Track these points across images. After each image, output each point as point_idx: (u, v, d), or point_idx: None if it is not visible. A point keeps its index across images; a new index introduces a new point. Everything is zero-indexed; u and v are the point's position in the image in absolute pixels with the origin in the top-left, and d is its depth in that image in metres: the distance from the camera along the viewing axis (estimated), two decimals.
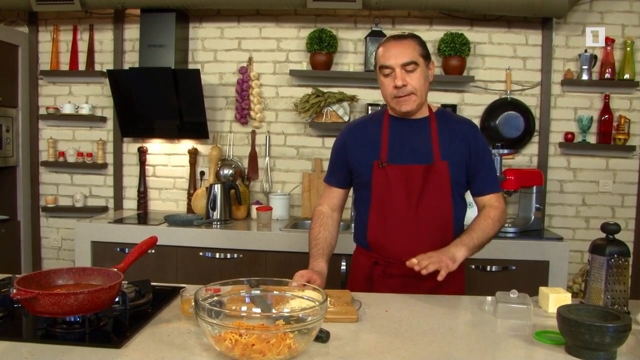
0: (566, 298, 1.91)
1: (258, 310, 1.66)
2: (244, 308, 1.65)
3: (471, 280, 3.25)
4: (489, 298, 2.02)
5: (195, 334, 1.62)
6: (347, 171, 2.41)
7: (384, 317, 1.84)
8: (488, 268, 3.47)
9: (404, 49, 2.19)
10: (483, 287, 3.19)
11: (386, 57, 2.21)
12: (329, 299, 1.89)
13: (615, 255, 1.93)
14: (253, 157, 4.19)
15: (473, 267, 3.45)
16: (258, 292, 1.68)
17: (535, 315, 1.85)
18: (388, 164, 2.26)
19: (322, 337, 1.57)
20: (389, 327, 1.75)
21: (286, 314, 1.52)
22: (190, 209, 4.15)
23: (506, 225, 3.72)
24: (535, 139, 4.11)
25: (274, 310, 1.64)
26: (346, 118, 3.96)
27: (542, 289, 1.96)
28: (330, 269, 3.43)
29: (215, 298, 1.65)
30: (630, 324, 1.53)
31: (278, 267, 3.50)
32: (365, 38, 4.00)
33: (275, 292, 1.69)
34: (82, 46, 4.31)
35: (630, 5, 4.08)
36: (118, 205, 4.35)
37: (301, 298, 1.67)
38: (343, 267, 3.47)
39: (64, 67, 4.33)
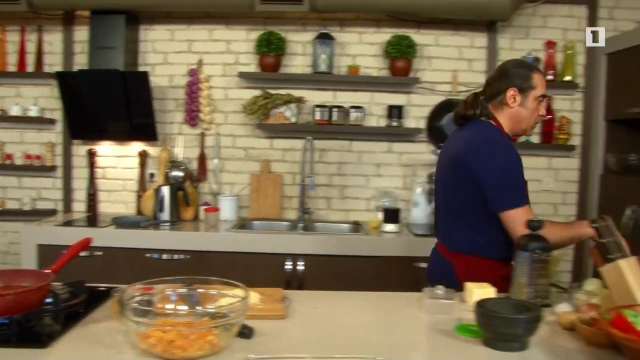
0: (490, 292, 1.97)
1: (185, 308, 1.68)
2: (170, 306, 1.67)
3: (415, 277, 3.34)
4: (418, 294, 2.08)
5: (125, 333, 1.63)
6: None
7: (312, 314, 1.88)
8: (421, 265, 3.52)
9: None
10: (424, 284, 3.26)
11: (544, 87, 2.39)
12: (259, 296, 1.93)
13: (538, 251, 2.01)
14: (202, 158, 4.20)
15: (414, 264, 3.51)
16: (185, 290, 1.70)
17: (460, 310, 1.91)
18: None
19: (246, 333, 1.60)
20: (315, 323, 1.79)
21: (206, 311, 1.55)
22: (139, 211, 4.14)
23: None
24: None
25: (198, 308, 1.66)
26: (293, 119, 4.00)
27: (467, 284, 2.02)
28: (275, 268, 3.51)
29: (145, 297, 1.67)
30: (540, 315, 1.60)
31: (224, 267, 3.52)
32: (314, 40, 4.04)
33: (200, 290, 1.71)
34: (31, 47, 4.26)
35: (570, 10, 4.21)
36: (67, 208, 4.31)
37: (229, 297, 1.70)
38: (289, 267, 3.51)
39: (12, 68, 4.27)
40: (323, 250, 3.55)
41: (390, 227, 3.70)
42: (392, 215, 3.72)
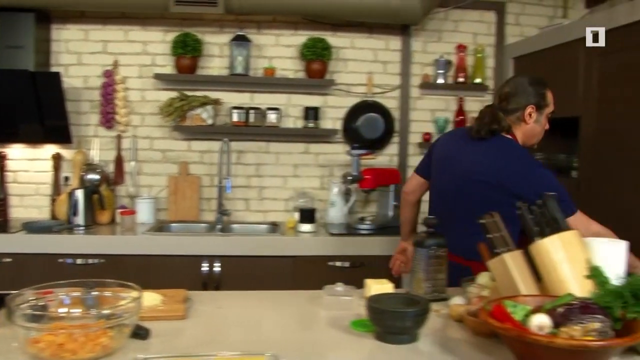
0: (388, 288, 2.04)
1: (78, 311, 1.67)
2: (63, 310, 1.66)
3: (330, 276, 3.39)
4: (321, 292, 2.13)
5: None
6: None
7: (214, 313, 1.91)
8: (346, 264, 3.60)
9: None
10: (342, 282, 3.33)
11: (553, 103, 2.55)
12: (161, 298, 1.94)
13: (434, 247, 2.10)
14: (119, 161, 4.14)
15: (329, 263, 3.58)
16: (79, 293, 1.69)
17: (359, 306, 1.97)
18: None
19: (142, 334, 1.61)
20: (215, 322, 1.81)
21: (100, 313, 1.55)
22: (54, 215, 4.04)
23: (365, 222, 3.89)
24: (396, 139, 4.31)
25: (93, 311, 1.66)
26: (210, 121, 4.00)
27: (367, 280, 2.08)
28: (192, 270, 3.50)
29: (40, 302, 1.65)
30: (428, 309, 1.68)
31: (141, 270, 3.47)
32: (230, 42, 4.05)
33: (94, 293, 1.70)
34: None
35: (481, 15, 4.38)
36: None
37: (125, 299, 1.70)
38: (205, 268, 3.51)
39: None
40: (240, 251, 3.57)
41: (306, 227, 3.75)
42: (308, 215, 3.77)
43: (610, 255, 1.85)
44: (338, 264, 3.61)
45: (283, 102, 4.20)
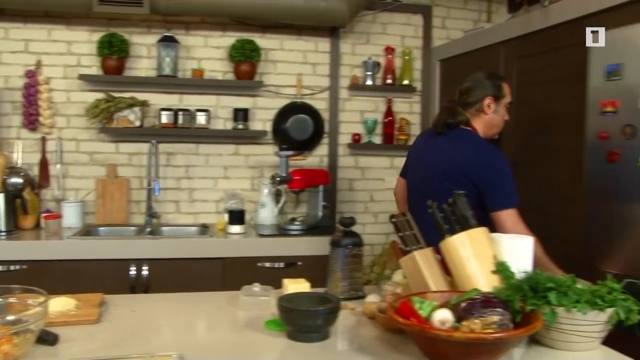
0: (305, 287, 2.06)
1: None
2: None
3: (259, 276, 3.40)
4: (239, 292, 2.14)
5: None
6: None
7: (128, 317, 1.89)
8: (276, 265, 3.62)
9: None
10: (271, 283, 3.34)
11: (510, 95, 2.74)
12: (75, 302, 1.92)
13: (350, 246, 2.14)
14: (44, 164, 4.03)
15: (259, 264, 3.59)
16: None
17: (275, 306, 1.99)
18: None
19: (49, 340, 1.59)
20: (128, 326, 1.80)
21: (4, 320, 1.52)
22: None
23: (295, 223, 3.91)
24: (326, 140, 4.36)
25: None
26: (137, 123, 3.94)
27: (285, 280, 2.10)
28: (120, 274, 3.45)
29: None
30: (338, 306, 1.71)
31: (67, 276, 3.40)
32: (158, 43, 4.01)
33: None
34: None
35: (408, 18, 4.48)
36: None
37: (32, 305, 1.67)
38: (133, 272, 3.46)
39: None
40: (169, 254, 3.53)
41: (235, 228, 3.75)
42: (237, 216, 3.77)
43: (517, 250, 1.92)
44: (267, 264, 3.62)
45: (212, 103, 4.18)
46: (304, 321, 1.65)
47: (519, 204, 2.46)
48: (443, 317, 1.54)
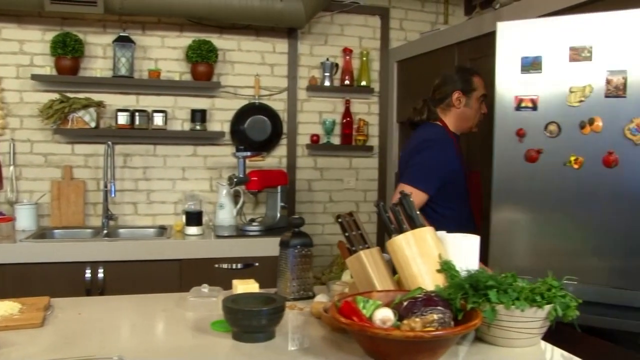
0: (254, 288, 2.07)
1: None
2: None
3: (216, 278, 3.39)
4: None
5: None
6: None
7: (74, 320, 1.88)
8: (234, 266, 3.62)
9: None
10: (228, 284, 3.33)
11: (484, 88, 2.76)
12: (19, 306, 1.89)
13: (299, 246, 2.15)
14: None
15: (216, 266, 3.58)
16: None
17: None
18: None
19: None
20: (72, 329, 1.78)
21: None
22: None
23: (254, 224, 3.91)
24: (284, 141, 4.36)
25: None
26: (93, 124, 3.89)
27: (234, 281, 2.10)
28: (75, 277, 3.41)
29: None
30: (282, 306, 1.72)
31: (20, 279, 3.35)
32: (113, 43, 3.96)
33: None
34: None
35: (366, 19, 4.51)
36: None
37: None
38: (88, 275, 3.42)
39: None
40: (125, 256, 3.50)
41: (192, 229, 3.73)
42: (194, 218, 3.75)
43: (463, 249, 1.96)
44: (225, 266, 3.61)
45: (169, 104, 4.15)
46: (248, 322, 1.66)
47: (430, 191, 2.63)
48: (384, 316, 1.55)
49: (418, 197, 2.53)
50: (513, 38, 2.48)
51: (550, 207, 2.38)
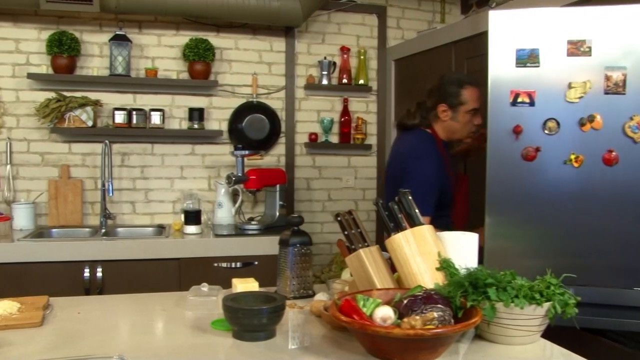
0: (254, 287, 2.06)
1: None
2: None
3: (215, 277, 3.39)
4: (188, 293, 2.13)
5: None
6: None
7: (73, 319, 1.87)
8: (233, 265, 3.61)
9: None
10: (228, 283, 3.33)
11: (475, 100, 2.66)
12: (18, 306, 1.89)
13: (299, 245, 2.15)
14: None
15: (215, 265, 3.58)
16: None
17: None
18: None
19: None
20: (71, 328, 1.78)
21: None
22: None
23: (252, 223, 3.91)
24: (282, 140, 4.36)
25: None
26: (90, 123, 3.88)
27: (234, 280, 2.10)
28: (74, 276, 3.40)
29: None
30: (282, 305, 1.71)
31: (16, 279, 3.34)
32: (110, 42, 3.95)
33: None
34: None
35: (363, 18, 4.51)
36: None
37: None
38: (87, 274, 3.42)
39: None
40: (124, 255, 3.49)
41: (191, 228, 3.72)
42: (193, 217, 3.74)
43: (462, 247, 1.96)
44: (224, 265, 3.61)
45: (167, 103, 4.14)
46: (248, 320, 1.65)
47: (429, 211, 2.51)
48: (384, 314, 1.55)
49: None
50: (507, 28, 2.35)
51: (549, 206, 2.32)
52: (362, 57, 4.44)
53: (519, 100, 2.31)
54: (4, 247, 3.42)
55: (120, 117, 3.95)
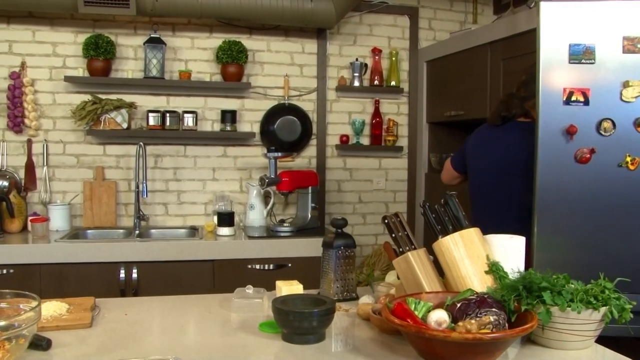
0: (299, 289, 2.06)
1: None
2: None
3: (249, 278, 3.39)
4: (232, 295, 2.13)
5: None
6: None
7: (121, 320, 1.88)
8: (266, 266, 3.61)
9: None
10: (261, 284, 3.33)
11: None
12: (67, 306, 1.90)
13: (343, 247, 2.14)
14: (30, 167, 3.98)
15: (249, 266, 3.58)
16: None
17: (270, 308, 1.98)
18: None
19: (42, 345, 1.57)
20: (121, 330, 1.79)
21: None
22: None
23: (284, 224, 3.91)
24: (314, 141, 4.36)
25: None
26: (125, 125, 3.91)
27: (278, 282, 2.10)
28: (109, 277, 3.42)
29: None
30: (333, 308, 1.71)
31: (55, 279, 3.38)
32: (144, 44, 3.98)
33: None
34: None
35: (394, 19, 4.49)
36: None
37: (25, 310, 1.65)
38: (123, 275, 3.44)
39: None
40: (158, 257, 3.51)
41: (224, 230, 3.73)
42: (226, 218, 3.75)
43: (509, 250, 1.93)
44: (257, 266, 3.61)
45: (200, 105, 4.16)
46: (299, 323, 1.65)
47: None
48: (439, 317, 1.54)
49: None
50: (559, 22, 2.24)
51: (603, 212, 2.23)
52: (393, 58, 4.43)
53: (573, 98, 2.22)
54: (43, 248, 3.46)
55: (154, 119, 3.97)
